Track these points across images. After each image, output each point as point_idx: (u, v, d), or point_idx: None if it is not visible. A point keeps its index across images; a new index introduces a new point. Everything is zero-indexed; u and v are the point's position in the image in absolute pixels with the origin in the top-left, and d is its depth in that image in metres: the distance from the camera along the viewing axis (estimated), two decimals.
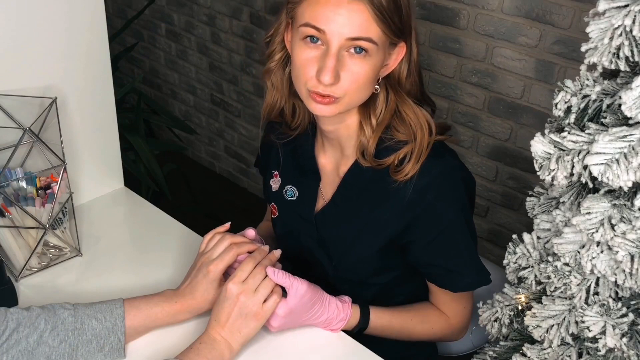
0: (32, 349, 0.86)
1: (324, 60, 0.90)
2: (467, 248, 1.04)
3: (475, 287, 1.07)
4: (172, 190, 2.12)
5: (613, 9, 0.65)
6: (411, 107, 1.00)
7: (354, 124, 1.02)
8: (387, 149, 1.00)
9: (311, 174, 1.12)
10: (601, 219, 0.69)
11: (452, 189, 1.00)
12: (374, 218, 1.04)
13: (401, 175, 0.98)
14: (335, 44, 0.89)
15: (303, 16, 0.91)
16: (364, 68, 0.91)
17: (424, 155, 0.98)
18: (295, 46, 0.94)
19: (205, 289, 0.96)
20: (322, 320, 0.99)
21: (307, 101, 0.96)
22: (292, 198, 1.15)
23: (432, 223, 1.01)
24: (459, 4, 1.79)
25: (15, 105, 1.09)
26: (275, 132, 1.15)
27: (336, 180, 1.09)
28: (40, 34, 1.11)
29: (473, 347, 1.28)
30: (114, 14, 3.08)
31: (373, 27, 0.89)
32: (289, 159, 1.15)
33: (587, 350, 0.81)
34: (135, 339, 0.96)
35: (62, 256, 1.15)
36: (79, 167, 1.27)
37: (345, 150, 1.06)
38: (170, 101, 3.07)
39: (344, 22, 0.88)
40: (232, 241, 0.99)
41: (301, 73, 0.93)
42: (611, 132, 0.66)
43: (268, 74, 1.04)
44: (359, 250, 1.07)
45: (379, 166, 1.01)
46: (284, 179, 1.16)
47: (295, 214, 1.15)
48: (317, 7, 0.89)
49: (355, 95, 0.94)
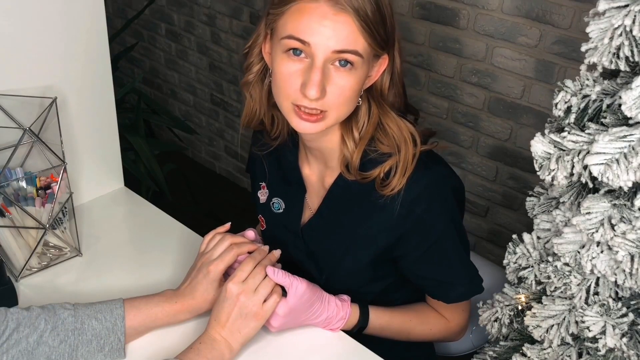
0: (32, 349, 0.86)
1: (309, 74, 0.86)
2: (458, 258, 1.03)
3: (468, 297, 1.07)
4: (172, 190, 2.12)
5: (613, 9, 0.65)
6: (394, 120, 0.97)
7: (336, 137, 1.00)
8: (372, 162, 0.98)
9: (296, 185, 1.10)
10: (601, 219, 0.69)
11: (442, 201, 0.98)
12: (362, 232, 1.02)
13: (387, 190, 0.96)
14: (321, 57, 0.86)
15: (285, 28, 0.87)
16: (350, 82, 0.88)
17: (409, 170, 0.95)
18: (276, 59, 0.90)
19: (205, 289, 0.96)
20: (322, 319, 0.99)
21: (289, 117, 0.92)
22: (279, 210, 1.13)
23: (422, 237, 0.99)
24: (459, 4, 1.79)
25: (15, 105, 1.09)
26: (258, 143, 1.13)
27: (322, 192, 1.07)
28: (40, 34, 1.11)
29: (473, 347, 1.28)
30: (114, 14, 3.08)
31: (359, 39, 0.86)
32: (274, 170, 1.14)
33: (587, 350, 0.81)
34: (136, 339, 0.96)
35: (62, 256, 1.15)
36: (79, 167, 1.27)
37: (329, 163, 1.04)
38: (170, 101, 3.07)
39: (330, 34, 0.84)
40: (233, 241, 0.99)
41: (284, 87, 0.90)
42: (611, 132, 0.66)
43: (247, 86, 1.01)
44: (349, 264, 1.05)
45: (364, 179, 0.98)
46: (271, 190, 1.15)
47: (282, 226, 1.13)
48: (300, 18, 0.85)
49: (341, 109, 0.91)
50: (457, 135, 1.97)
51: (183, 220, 1.29)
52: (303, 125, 0.91)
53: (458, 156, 2.00)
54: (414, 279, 1.06)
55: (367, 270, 1.06)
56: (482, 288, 1.06)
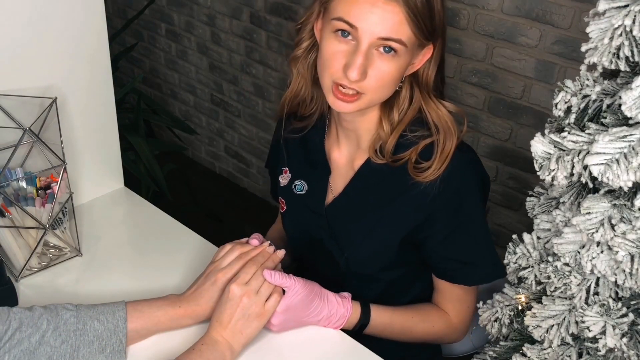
0: (33, 348, 0.86)
1: (353, 56, 0.90)
2: (484, 239, 1.05)
3: (491, 279, 1.07)
4: (172, 190, 2.12)
5: (613, 9, 0.65)
6: (435, 107, 1.00)
7: (374, 118, 1.03)
8: (404, 146, 1.01)
9: (321, 167, 1.13)
10: (601, 219, 0.69)
11: (472, 182, 1.01)
12: (390, 212, 1.04)
13: (422, 177, 0.99)
14: (366, 42, 0.89)
15: (337, 10, 0.91)
16: (391, 68, 0.92)
17: (448, 158, 0.98)
18: (325, 37, 0.94)
19: (210, 296, 0.97)
20: (323, 316, 0.99)
21: (328, 94, 0.96)
22: (302, 192, 1.15)
23: (451, 215, 1.01)
24: (459, 4, 1.79)
25: (15, 105, 1.09)
26: (285, 129, 1.16)
27: (349, 173, 1.09)
28: (40, 34, 1.11)
29: (473, 347, 1.28)
30: (114, 14, 3.08)
31: (405, 29, 0.89)
32: (298, 154, 1.16)
33: (587, 350, 0.81)
34: (137, 341, 0.96)
35: (62, 256, 1.15)
36: (79, 167, 1.27)
37: (361, 144, 1.07)
38: (170, 101, 3.07)
39: (377, 21, 0.88)
40: (242, 251, 1.00)
41: (328, 65, 0.93)
42: (611, 132, 0.66)
43: (295, 61, 1.05)
44: (373, 244, 1.07)
45: (395, 163, 1.01)
46: (293, 173, 1.17)
47: (304, 207, 1.15)
48: (352, 2, 0.89)
49: (378, 93, 0.95)
50: None
51: (183, 220, 1.29)
52: (339, 104, 0.95)
53: None
54: (437, 261, 1.07)
55: (391, 252, 1.07)
56: (504, 272, 1.05)
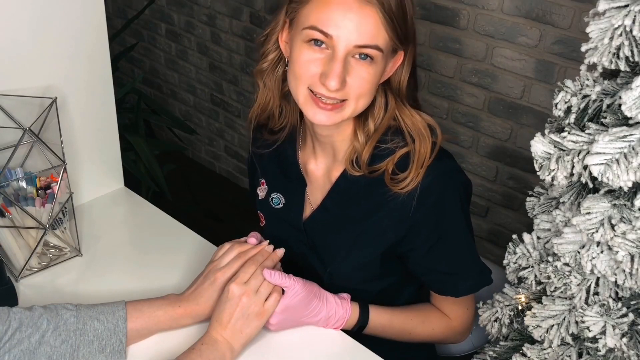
0: (33, 348, 0.86)
1: (330, 65, 0.87)
2: (468, 250, 1.03)
3: (478, 288, 1.06)
4: (172, 190, 2.12)
5: (613, 9, 0.65)
6: (410, 114, 0.97)
7: (349, 129, 1.00)
8: (380, 157, 0.98)
9: (296, 180, 1.10)
10: (601, 219, 0.69)
11: (452, 192, 0.98)
12: (371, 225, 1.01)
13: (399, 187, 0.95)
14: (343, 50, 0.86)
15: (308, 18, 0.87)
16: (370, 74, 0.89)
17: (425, 165, 0.95)
18: (296, 48, 0.90)
19: (210, 296, 0.97)
20: (322, 316, 0.99)
21: (305, 106, 0.92)
22: (279, 206, 1.13)
23: (433, 228, 0.99)
24: (459, 4, 1.79)
25: (15, 105, 1.09)
26: (257, 142, 1.14)
27: (326, 186, 1.06)
28: (40, 34, 1.11)
29: (473, 347, 1.28)
30: (114, 14, 3.08)
31: (381, 34, 0.86)
32: (273, 166, 1.14)
33: (587, 350, 0.81)
34: (137, 341, 0.96)
35: (62, 256, 1.15)
36: (79, 167, 1.27)
37: (337, 155, 1.04)
38: (170, 101, 3.07)
39: (353, 28, 0.85)
40: (240, 250, 1.00)
41: (301, 73, 0.90)
42: (611, 132, 0.66)
43: (261, 74, 1.02)
44: (356, 258, 1.05)
45: (372, 174, 0.98)
46: (270, 186, 1.15)
47: (282, 221, 1.13)
48: (324, 9, 0.85)
49: (360, 100, 0.92)
50: (457, 135, 1.97)
51: (183, 220, 1.29)
52: (319, 117, 0.91)
53: (458, 156, 1.99)
54: (422, 274, 1.06)
55: (374, 265, 1.05)
56: (491, 280, 1.05)
